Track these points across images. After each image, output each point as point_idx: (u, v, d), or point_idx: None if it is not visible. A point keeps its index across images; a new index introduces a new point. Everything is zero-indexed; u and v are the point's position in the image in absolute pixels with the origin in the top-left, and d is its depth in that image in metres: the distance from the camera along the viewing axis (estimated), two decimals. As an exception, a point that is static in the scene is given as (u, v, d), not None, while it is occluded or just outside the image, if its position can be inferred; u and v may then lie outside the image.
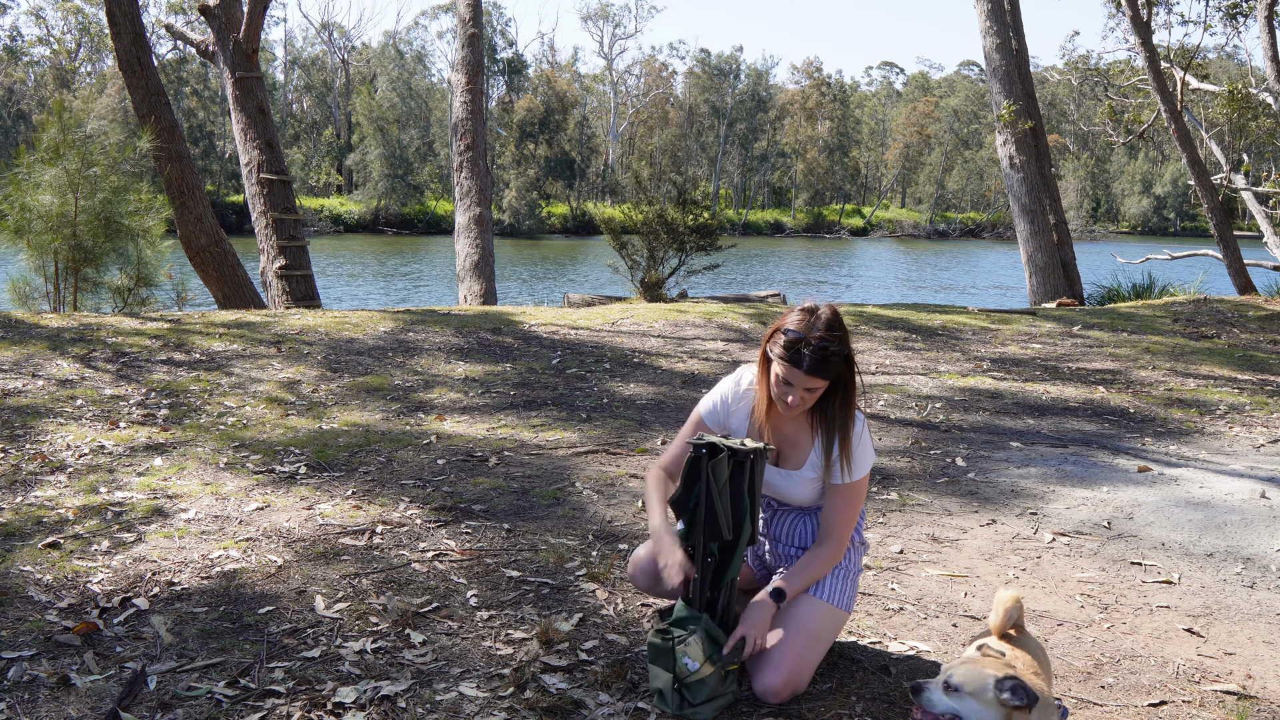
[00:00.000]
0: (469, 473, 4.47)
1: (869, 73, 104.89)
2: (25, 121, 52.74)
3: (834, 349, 2.54)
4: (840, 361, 2.57)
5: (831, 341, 2.54)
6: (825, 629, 2.69)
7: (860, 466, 2.69)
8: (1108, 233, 65.29)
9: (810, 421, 2.73)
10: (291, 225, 11.54)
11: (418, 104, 58.56)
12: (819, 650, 2.67)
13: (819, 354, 2.53)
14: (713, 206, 41.36)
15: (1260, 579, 3.59)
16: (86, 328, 7.34)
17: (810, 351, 2.53)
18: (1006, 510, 4.27)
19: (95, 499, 3.95)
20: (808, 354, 2.53)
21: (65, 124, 9.10)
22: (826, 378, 2.57)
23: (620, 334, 8.43)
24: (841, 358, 2.57)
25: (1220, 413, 6.26)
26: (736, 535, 2.59)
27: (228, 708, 2.49)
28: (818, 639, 2.66)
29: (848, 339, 2.60)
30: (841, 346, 2.57)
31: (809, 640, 2.64)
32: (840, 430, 2.67)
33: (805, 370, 2.54)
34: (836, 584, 2.74)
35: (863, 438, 2.70)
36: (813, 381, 2.57)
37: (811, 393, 2.61)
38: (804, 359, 2.53)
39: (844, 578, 2.77)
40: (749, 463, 2.58)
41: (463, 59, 12.88)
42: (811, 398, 2.62)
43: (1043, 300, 13.82)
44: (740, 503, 2.59)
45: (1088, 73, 29.48)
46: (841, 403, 2.66)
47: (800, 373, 2.55)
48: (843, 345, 2.57)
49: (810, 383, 2.57)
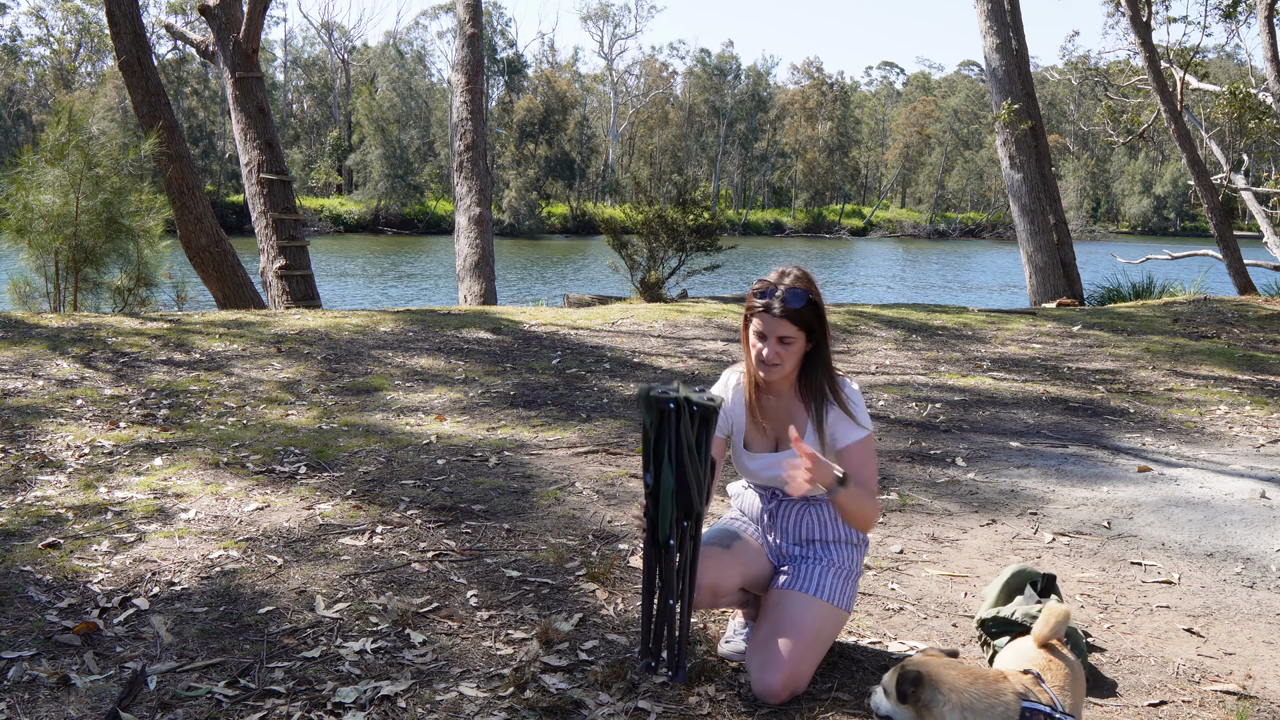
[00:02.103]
0: (469, 473, 4.47)
1: (869, 73, 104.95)
2: (25, 121, 52.76)
3: (803, 293, 2.62)
4: (810, 309, 2.63)
5: (800, 288, 2.62)
6: (825, 629, 2.68)
7: (862, 416, 2.70)
8: (1108, 233, 65.30)
9: (799, 395, 2.75)
10: (291, 225, 11.54)
11: (418, 104, 58.57)
12: (818, 651, 2.67)
13: (787, 296, 2.60)
14: (713, 206, 41.35)
15: (1260, 579, 3.59)
16: (86, 328, 7.34)
17: (779, 295, 2.61)
18: (1006, 510, 4.27)
19: (95, 499, 3.95)
20: (776, 297, 2.61)
21: (72, 124, 9.11)
22: (798, 324, 2.62)
23: (620, 334, 8.43)
24: (810, 304, 2.63)
25: (1220, 413, 6.26)
26: (704, 505, 2.55)
27: (228, 708, 2.49)
28: (817, 639, 2.65)
29: (818, 293, 2.67)
30: (813, 294, 2.64)
31: (808, 641, 2.63)
32: (829, 386, 2.70)
33: (776, 314, 2.61)
34: (837, 584, 2.73)
35: (858, 399, 2.72)
36: (785, 327, 2.62)
37: (786, 345, 2.64)
38: (773, 303, 2.61)
39: (844, 578, 2.76)
40: (711, 419, 2.54)
41: (463, 59, 12.88)
42: (787, 352, 2.65)
43: (1043, 300, 13.82)
44: (707, 468, 2.55)
45: (1088, 73, 29.47)
46: (821, 362, 2.70)
47: (771, 318, 2.62)
48: (814, 294, 2.65)
49: (782, 329, 2.62)
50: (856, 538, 2.81)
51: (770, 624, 2.67)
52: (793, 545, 2.83)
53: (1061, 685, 2.20)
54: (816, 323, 2.66)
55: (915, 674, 2.04)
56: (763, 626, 2.69)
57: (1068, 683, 2.23)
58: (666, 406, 2.50)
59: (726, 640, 2.93)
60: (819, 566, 2.75)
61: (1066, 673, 2.24)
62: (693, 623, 3.00)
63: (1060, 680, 2.21)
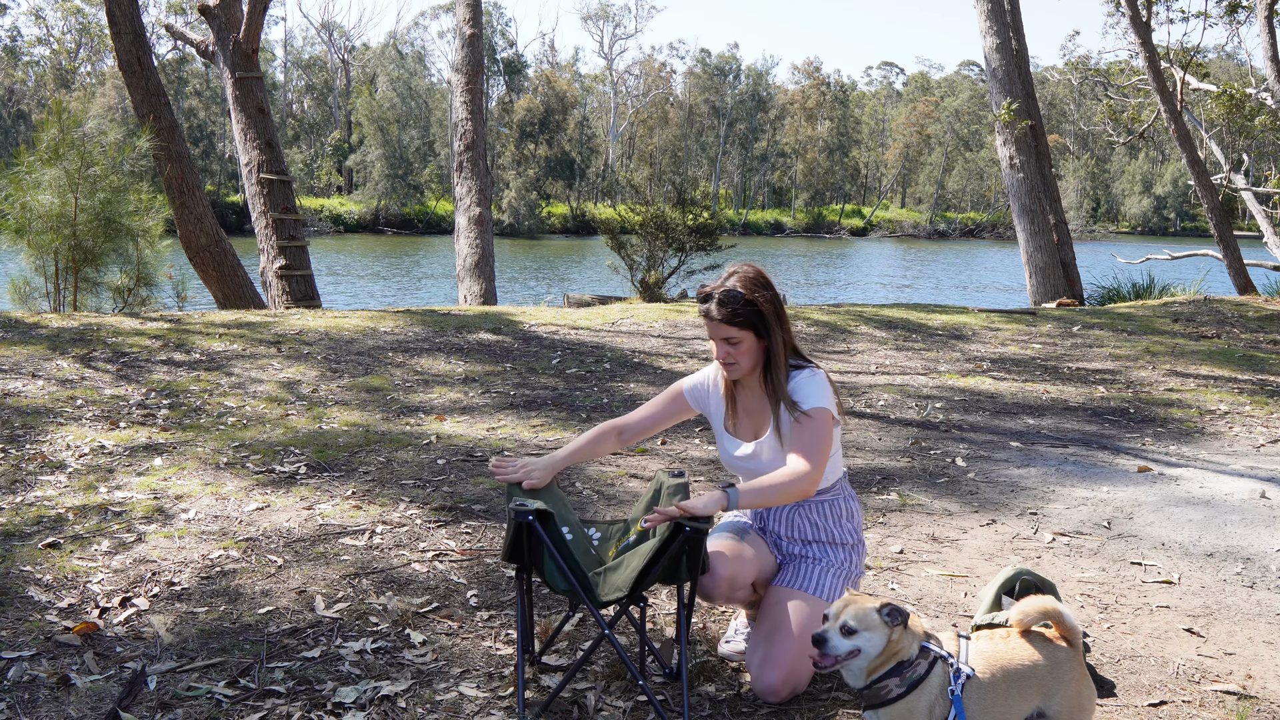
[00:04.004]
0: (469, 473, 4.47)
1: (869, 73, 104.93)
2: (25, 121, 52.74)
3: (738, 294, 2.62)
4: (748, 309, 2.63)
5: (736, 289, 2.63)
6: None
7: (807, 398, 2.66)
8: (1108, 233, 65.27)
9: (764, 390, 2.76)
10: (291, 225, 11.54)
11: (418, 104, 58.56)
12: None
13: (721, 299, 2.63)
14: (712, 206, 41.36)
15: (1260, 579, 3.59)
16: (87, 328, 7.34)
17: (716, 299, 2.64)
18: (1006, 510, 4.27)
19: (95, 499, 3.95)
20: (714, 301, 2.64)
21: (64, 124, 9.10)
22: (737, 325, 2.64)
23: (620, 334, 8.43)
24: (748, 304, 2.63)
25: (1220, 413, 6.26)
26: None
27: (228, 708, 2.49)
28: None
29: (764, 293, 2.66)
30: (751, 294, 2.64)
31: (808, 640, 2.62)
32: (780, 380, 2.69)
33: (714, 319, 2.65)
34: (836, 584, 2.73)
35: (810, 383, 2.68)
36: (726, 330, 2.65)
37: (734, 346, 2.67)
38: (710, 307, 2.65)
39: (843, 578, 2.76)
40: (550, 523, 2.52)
41: (463, 59, 12.88)
42: (738, 353, 2.68)
43: (1043, 300, 13.82)
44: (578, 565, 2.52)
45: (1088, 73, 29.48)
46: (773, 359, 2.70)
47: (711, 322, 2.67)
48: (753, 293, 2.64)
49: (724, 331, 2.66)
50: (850, 539, 2.81)
51: (770, 622, 2.67)
52: (791, 543, 2.83)
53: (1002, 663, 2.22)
54: (760, 321, 2.66)
55: (891, 607, 2.20)
56: (763, 625, 2.69)
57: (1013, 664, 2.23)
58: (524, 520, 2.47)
59: (726, 640, 2.93)
60: (818, 567, 2.76)
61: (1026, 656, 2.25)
62: (693, 622, 3.00)
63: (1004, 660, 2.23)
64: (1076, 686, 2.28)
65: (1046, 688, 2.24)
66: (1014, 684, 2.23)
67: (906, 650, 2.19)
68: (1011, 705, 2.22)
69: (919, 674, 2.18)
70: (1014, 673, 2.24)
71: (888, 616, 2.19)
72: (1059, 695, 2.25)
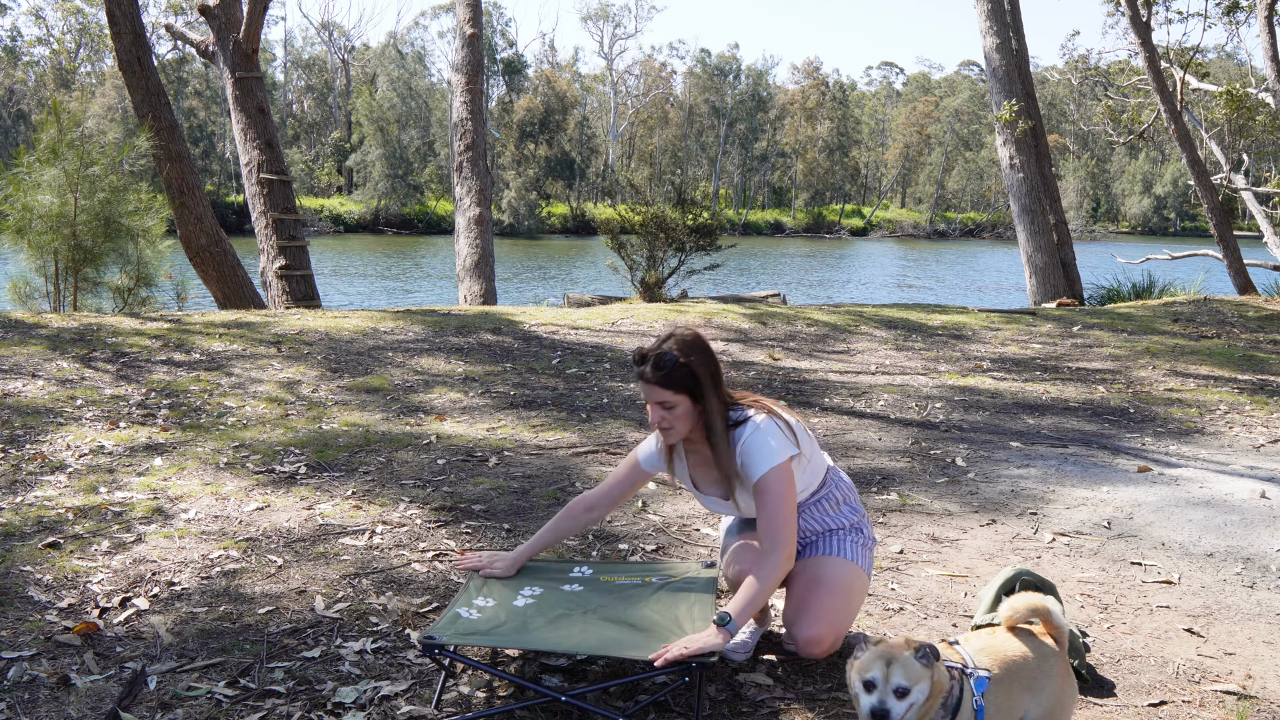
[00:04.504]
0: (469, 473, 4.47)
1: (869, 73, 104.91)
2: (25, 121, 52.74)
3: (672, 358, 2.62)
4: (681, 372, 2.62)
5: (671, 352, 2.63)
6: (855, 588, 2.78)
7: (756, 464, 2.65)
8: (1108, 233, 65.27)
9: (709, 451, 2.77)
10: (291, 225, 11.54)
11: (418, 104, 58.55)
12: (853, 607, 2.77)
13: (655, 362, 2.62)
14: (712, 206, 41.37)
15: (1260, 579, 3.59)
16: (87, 328, 7.34)
17: (649, 363, 2.64)
18: (1006, 510, 4.27)
19: (95, 499, 3.95)
20: (647, 364, 2.64)
21: (63, 124, 9.10)
22: (670, 388, 2.63)
23: (620, 334, 8.43)
24: (681, 368, 2.62)
25: (1220, 413, 6.26)
26: None
27: (228, 708, 2.49)
28: (850, 595, 2.76)
29: (700, 357, 2.65)
30: (685, 357, 2.63)
31: (844, 596, 2.74)
32: (722, 443, 2.68)
33: (647, 380, 2.65)
34: (857, 549, 2.83)
35: (754, 443, 2.65)
36: (659, 393, 2.65)
37: (668, 410, 2.66)
38: (645, 369, 2.65)
39: (861, 545, 2.85)
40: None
41: (463, 59, 12.88)
42: (673, 417, 2.67)
43: (1043, 300, 13.82)
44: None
45: (1088, 73, 29.51)
46: (708, 423, 2.68)
47: (646, 385, 2.67)
48: (688, 357, 2.63)
49: (658, 394, 2.65)
50: (853, 518, 2.88)
51: (804, 584, 2.75)
52: (802, 535, 2.89)
53: (1001, 659, 2.23)
54: (694, 385, 2.64)
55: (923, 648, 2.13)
56: (796, 587, 2.77)
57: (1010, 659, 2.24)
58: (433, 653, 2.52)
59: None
60: (835, 537, 2.85)
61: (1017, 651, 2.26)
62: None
63: (1001, 655, 2.24)
64: (1060, 683, 2.31)
65: (1036, 683, 2.27)
66: (1013, 679, 2.24)
67: (944, 682, 2.14)
68: (1013, 701, 2.23)
69: (956, 697, 2.15)
70: (1011, 668, 2.25)
71: (924, 660, 2.11)
72: (1045, 692, 2.27)
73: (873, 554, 2.90)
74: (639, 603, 2.74)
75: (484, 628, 2.54)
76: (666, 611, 2.70)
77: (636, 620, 2.64)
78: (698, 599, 2.78)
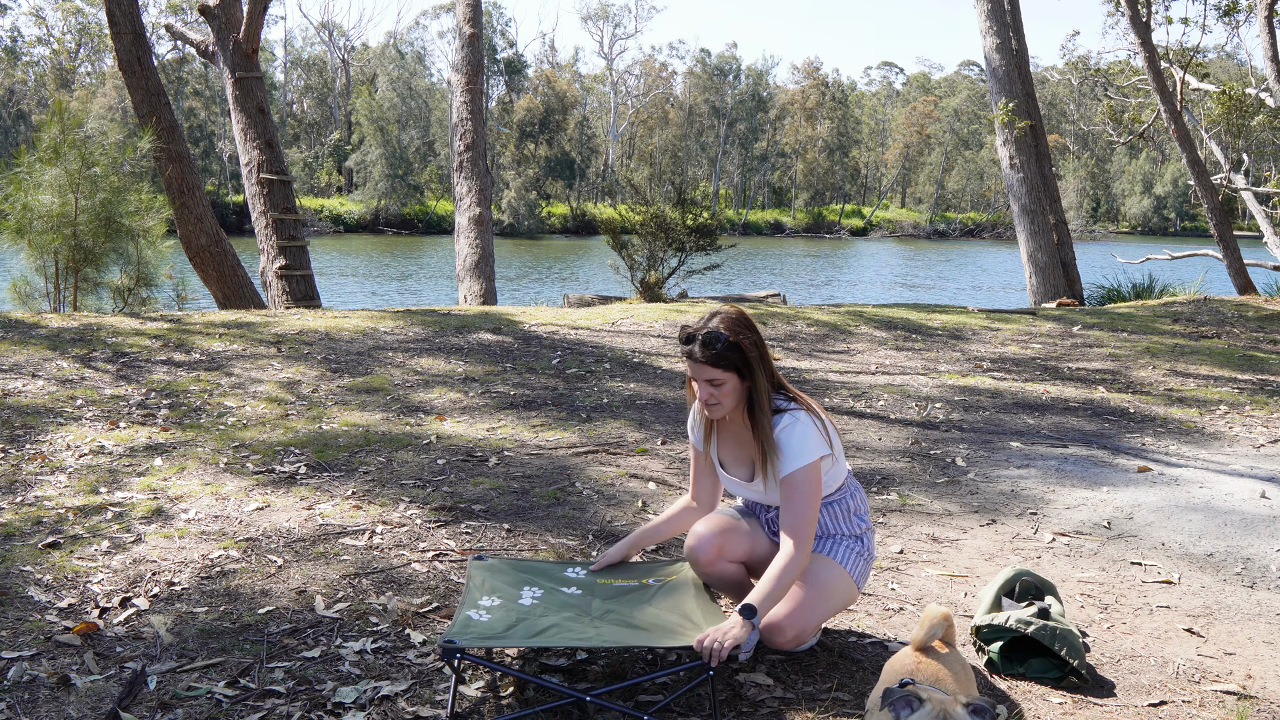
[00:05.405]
0: (469, 473, 4.47)
1: (869, 73, 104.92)
2: (25, 121, 52.76)
3: (721, 336, 2.62)
4: (730, 351, 2.63)
5: (719, 330, 2.63)
6: (835, 590, 2.75)
7: (790, 458, 2.65)
8: (1108, 233, 65.29)
9: (749, 429, 2.77)
10: (291, 225, 11.54)
11: (418, 104, 58.55)
12: (826, 607, 2.74)
13: (705, 341, 2.62)
14: (712, 206, 41.37)
15: (1260, 579, 3.59)
16: (87, 328, 7.35)
17: (698, 341, 2.63)
18: (1006, 510, 4.27)
19: (95, 499, 3.96)
20: (695, 344, 2.63)
21: (65, 124, 9.10)
22: (720, 367, 2.64)
23: (620, 334, 8.43)
24: (731, 346, 2.63)
25: (1220, 413, 6.26)
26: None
27: (228, 708, 2.49)
28: (827, 595, 2.72)
29: (748, 335, 2.66)
30: (734, 336, 2.63)
31: (819, 594, 2.70)
32: (765, 424, 2.68)
33: (696, 360, 2.64)
34: (849, 556, 2.81)
35: (791, 436, 2.66)
36: (708, 372, 2.65)
37: (716, 387, 2.66)
38: (693, 349, 2.64)
39: (856, 553, 2.82)
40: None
41: (463, 59, 12.87)
42: (721, 394, 2.67)
43: (1043, 300, 13.82)
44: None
45: (1088, 73, 29.50)
46: (756, 401, 2.69)
47: (693, 363, 2.66)
48: (736, 335, 2.64)
49: (706, 373, 2.65)
50: (860, 528, 2.86)
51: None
52: None
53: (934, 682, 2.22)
54: (743, 363, 2.66)
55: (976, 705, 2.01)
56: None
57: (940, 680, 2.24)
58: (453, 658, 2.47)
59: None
60: (833, 541, 2.84)
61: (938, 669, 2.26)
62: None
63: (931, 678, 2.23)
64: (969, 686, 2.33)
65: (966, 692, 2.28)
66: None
67: None
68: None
69: None
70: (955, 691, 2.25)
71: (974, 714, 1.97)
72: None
73: (869, 568, 2.86)
74: (643, 604, 2.75)
75: (499, 629, 2.53)
76: (675, 607, 2.71)
77: (649, 619, 2.64)
78: (698, 597, 2.78)
